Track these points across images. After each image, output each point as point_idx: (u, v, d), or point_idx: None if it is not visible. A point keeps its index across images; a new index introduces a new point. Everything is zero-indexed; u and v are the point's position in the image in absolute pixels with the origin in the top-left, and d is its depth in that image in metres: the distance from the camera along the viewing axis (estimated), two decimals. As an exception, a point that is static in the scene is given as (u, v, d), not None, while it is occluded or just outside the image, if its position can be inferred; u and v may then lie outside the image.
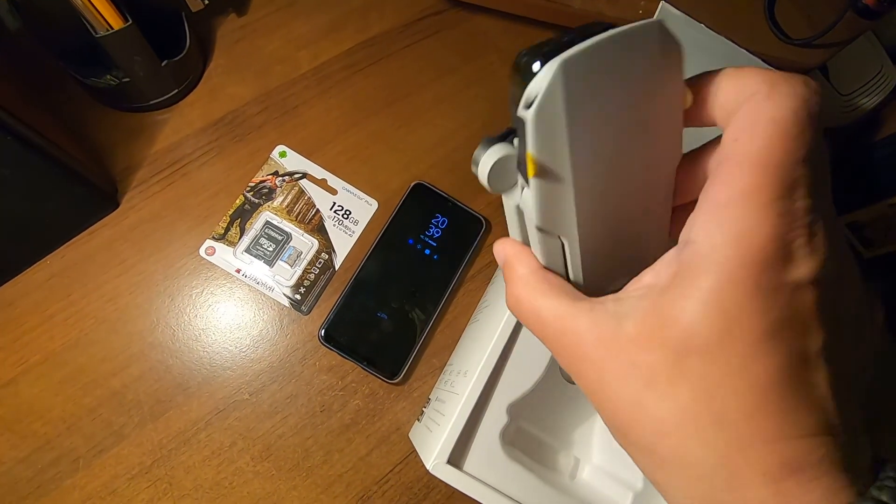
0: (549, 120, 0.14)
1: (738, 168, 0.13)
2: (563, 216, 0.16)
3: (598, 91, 0.14)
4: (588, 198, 0.15)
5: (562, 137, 0.14)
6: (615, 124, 0.14)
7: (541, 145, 0.14)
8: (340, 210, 0.44)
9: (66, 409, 0.37)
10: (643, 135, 0.15)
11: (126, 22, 0.35)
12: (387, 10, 0.50)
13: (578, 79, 0.13)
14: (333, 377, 0.41)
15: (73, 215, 0.39)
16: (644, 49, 0.14)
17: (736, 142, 0.14)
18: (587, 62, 0.13)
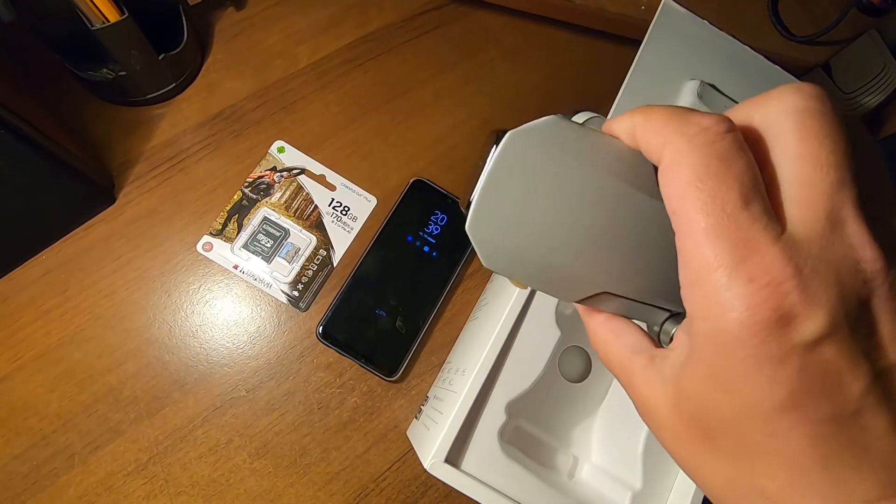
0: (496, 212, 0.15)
1: (689, 240, 0.12)
2: (581, 285, 0.16)
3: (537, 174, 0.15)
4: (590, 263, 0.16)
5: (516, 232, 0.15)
6: (569, 194, 0.15)
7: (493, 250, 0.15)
8: (339, 206, 0.44)
9: (61, 405, 0.37)
10: (604, 193, 0.15)
11: (122, 14, 0.35)
12: (386, 5, 0.49)
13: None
14: (331, 374, 0.41)
15: (70, 210, 0.39)
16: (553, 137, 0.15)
17: (673, 214, 0.13)
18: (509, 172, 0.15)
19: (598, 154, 0.15)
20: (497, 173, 0.15)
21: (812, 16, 0.44)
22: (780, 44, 0.43)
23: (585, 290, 0.16)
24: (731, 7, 0.42)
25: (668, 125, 0.13)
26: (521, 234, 0.15)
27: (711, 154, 0.12)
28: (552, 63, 0.51)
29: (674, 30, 0.38)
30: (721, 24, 0.39)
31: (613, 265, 0.16)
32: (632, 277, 0.16)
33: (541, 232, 0.15)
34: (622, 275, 0.16)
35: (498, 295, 0.36)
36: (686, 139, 0.13)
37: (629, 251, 0.16)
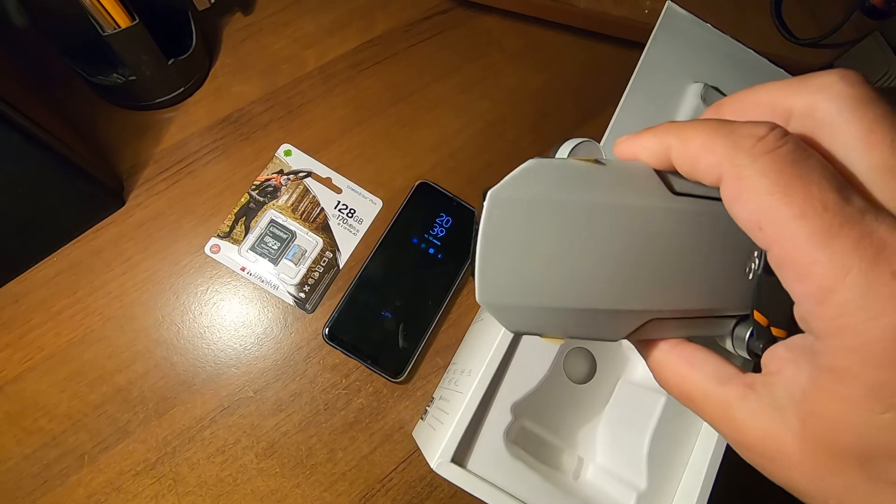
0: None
1: (796, 252, 0.11)
2: (623, 319, 0.15)
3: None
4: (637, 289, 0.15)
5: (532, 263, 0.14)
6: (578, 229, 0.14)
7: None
8: (345, 209, 0.44)
9: (71, 405, 0.37)
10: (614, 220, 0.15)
11: (133, 20, 0.35)
12: (392, 10, 0.50)
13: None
14: (337, 375, 0.41)
15: (80, 213, 0.40)
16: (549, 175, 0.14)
17: (761, 230, 0.12)
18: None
19: (591, 181, 0.14)
20: (490, 234, 0.14)
21: (815, 19, 0.44)
22: (783, 46, 0.43)
23: (631, 323, 0.15)
24: (734, 10, 0.43)
25: (715, 142, 0.13)
26: (539, 287, 0.14)
27: (781, 160, 0.12)
28: (555, 66, 0.51)
29: (677, 33, 0.39)
30: (724, 27, 0.39)
31: (652, 285, 0.15)
32: (677, 291, 0.15)
33: (560, 279, 0.14)
34: (665, 292, 0.15)
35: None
36: (746, 152, 0.12)
37: (664, 265, 0.15)
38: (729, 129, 0.13)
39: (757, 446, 0.13)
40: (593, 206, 0.14)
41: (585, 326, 0.14)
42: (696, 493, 0.30)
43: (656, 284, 0.14)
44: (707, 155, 0.13)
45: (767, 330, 0.14)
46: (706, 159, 0.13)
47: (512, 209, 0.14)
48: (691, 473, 0.31)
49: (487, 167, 0.47)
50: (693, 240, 0.14)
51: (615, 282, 0.14)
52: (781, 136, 0.12)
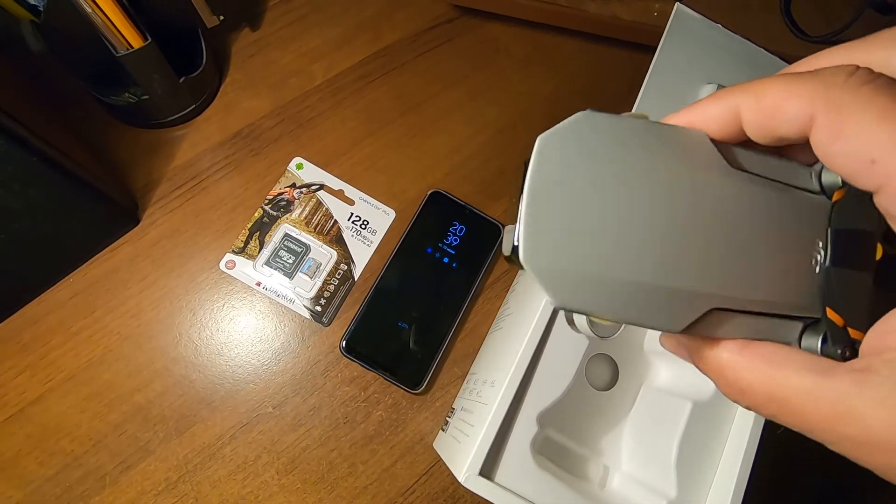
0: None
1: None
2: (684, 303, 0.13)
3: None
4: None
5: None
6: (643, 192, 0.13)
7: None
8: (358, 220, 0.44)
9: (92, 425, 0.37)
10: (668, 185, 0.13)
11: (146, 41, 0.36)
12: (398, 21, 0.50)
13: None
14: (356, 388, 0.41)
15: (95, 233, 0.40)
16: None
17: (874, 164, 0.11)
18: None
19: (648, 141, 0.13)
20: (538, 187, 0.12)
21: (825, 16, 0.44)
22: (794, 45, 0.43)
23: (691, 309, 0.13)
24: (743, 10, 0.42)
25: (801, 86, 0.12)
26: (592, 252, 0.12)
27: (884, 88, 0.11)
28: (563, 72, 0.51)
29: (688, 34, 0.39)
30: (734, 27, 0.39)
31: (714, 266, 0.13)
32: (740, 278, 0.13)
33: (615, 244, 0.12)
34: (728, 276, 0.13)
35: (523, 305, 0.36)
36: (841, 87, 0.11)
37: (725, 244, 0.13)
38: (812, 74, 0.12)
39: (892, 442, 0.11)
40: (651, 167, 0.13)
41: (641, 306, 0.13)
42: (728, 499, 0.30)
43: (718, 266, 0.13)
44: (792, 100, 0.12)
45: (844, 331, 0.13)
46: (790, 106, 0.12)
47: (564, 159, 0.12)
48: (722, 479, 0.31)
49: (499, 174, 0.47)
50: (755, 222, 0.13)
51: (675, 255, 0.12)
52: (872, 72, 0.11)
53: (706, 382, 0.33)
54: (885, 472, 0.12)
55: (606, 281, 0.12)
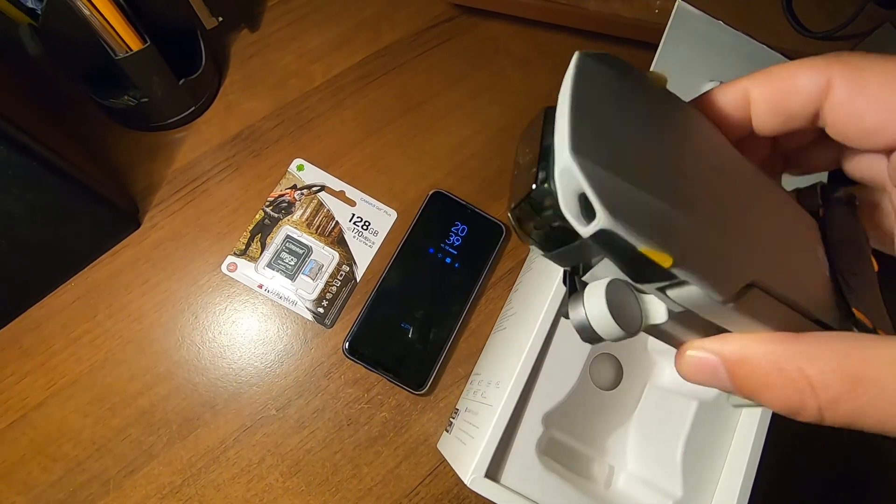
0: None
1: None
2: (732, 263, 0.12)
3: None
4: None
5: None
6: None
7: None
8: (360, 221, 0.44)
9: (95, 430, 0.37)
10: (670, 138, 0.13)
11: (145, 43, 0.35)
12: (397, 20, 0.50)
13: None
14: (359, 390, 0.41)
15: (96, 236, 0.40)
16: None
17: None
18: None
19: (675, 107, 0.13)
20: (579, 89, 0.11)
21: (827, 11, 0.44)
22: (796, 41, 0.43)
23: (739, 276, 0.12)
24: (744, 6, 0.42)
25: (814, 60, 0.13)
26: (643, 172, 0.11)
27: (887, 57, 0.12)
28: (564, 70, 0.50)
29: (689, 32, 0.38)
30: (736, 23, 0.39)
31: (755, 238, 0.12)
32: (777, 262, 0.12)
33: (665, 174, 0.11)
34: (768, 256, 0.12)
35: (527, 306, 0.35)
36: (851, 54, 0.12)
37: (760, 224, 0.12)
38: (816, 56, 0.13)
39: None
40: (687, 127, 0.13)
41: (694, 250, 0.11)
42: (734, 498, 0.29)
43: (756, 239, 0.12)
44: (804, 70, 0.13)
45: (874, 332, 0.13)
46: (803, 75, 0.13)
47: (603, 75, 0.12)
48: (728, 478, 0.31)
49: (500, 173, 0.47)
50: (776, 211, 0.13)
51: (720, 211, 0.12)
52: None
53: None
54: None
55: (659, 209, 0.11)
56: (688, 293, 0.12)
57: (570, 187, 0.11)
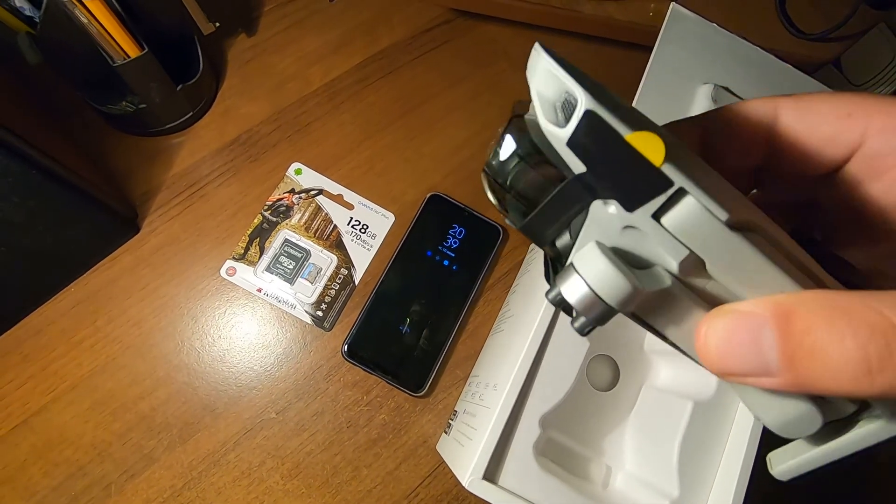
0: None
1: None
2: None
3: None
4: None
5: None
6: None
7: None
8: (358, 224, 0.44)
9: (96, 434, 0.37)
10: None
11: (142, 50, 0.36)
12: (395, 23, 0.50)
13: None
14: (358, 392, 0.41)
15: (95, 242, 0.40)
16: None
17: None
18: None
19: None
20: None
21: (821, 12, 0.44)
22: (790, 42, 0.43)
23: (736, 206, 0.12)
24: (739, 9, 0.42)
25: (854, 106, 0.13)
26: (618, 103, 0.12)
27: None
28: (561, 71, 0.51)
29: (684, 34, 0.39)
30: (730, 26, 0.39)
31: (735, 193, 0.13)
32: (765, 219, 0.13)
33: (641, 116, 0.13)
34: (752, 209, 0.13)
35: (524, 307, 0.36)
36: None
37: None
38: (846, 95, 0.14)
39: None
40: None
41: (682, 153, 0.12)
42: (729, 497, 0.30)
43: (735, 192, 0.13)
44: (845, 120, 0.13)
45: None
46: (847, 122, 0.13)
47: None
48: (724, 477, 0.31)
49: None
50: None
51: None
52: None
53: (706, 382, 0.33)
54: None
55: (638, 114, 0.12)
56: (686, 212, 0.11)
57: (548, 96, 0.12)
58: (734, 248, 0.11)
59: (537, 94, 0.12)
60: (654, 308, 0.13)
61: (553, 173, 0.13)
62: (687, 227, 0.11)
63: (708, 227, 0.11)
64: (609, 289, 0.11)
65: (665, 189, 0.11)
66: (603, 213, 0.12)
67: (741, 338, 0.11)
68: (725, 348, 0.11)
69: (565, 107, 0.12)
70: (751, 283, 0.12)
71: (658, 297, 0.12)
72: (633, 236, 0.12)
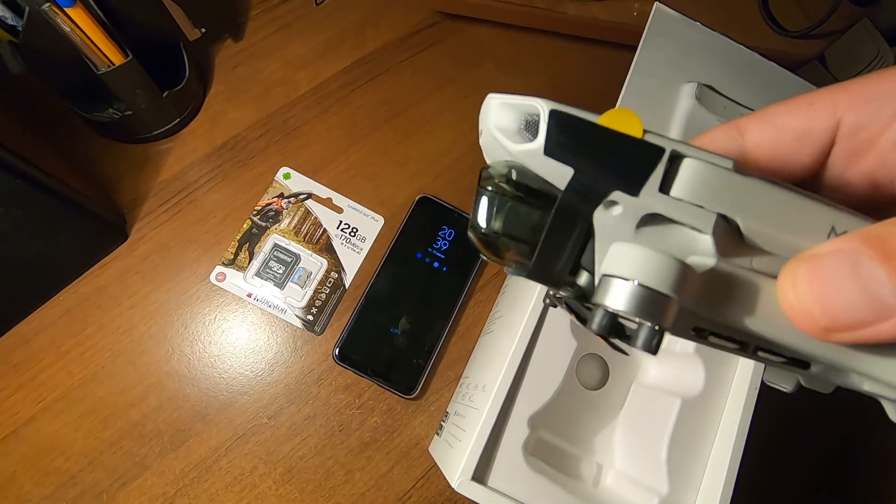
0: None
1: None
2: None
3: None
4: None
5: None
6: None
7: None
8: (347, 228, 0.44)
9: (87, 443, 0.37)
10: None
11: (126, 57, 0.36)
12: (382, 26, 0.50)
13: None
14: (350, 396, 0.41)
15: (84, 250, 0.40)
16: None
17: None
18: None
19: None
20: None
21: (803, 9, 0.44)
22: (774, 40, 0.43)
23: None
24: (722, 7, 0.43)
25: (814, 95, 0.13)
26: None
27: None
28: (549, 72, 0.51)
29: (667, 34, 0.39)
30: (713, 24, 0.39)
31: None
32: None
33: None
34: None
35: (512, 308, 0.36)
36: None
37: None
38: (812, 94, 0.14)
39: None
40: None
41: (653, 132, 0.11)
42: (717, 494, 0.30)
43: None
44: (820, 102, 0.13)
45: None
46: (821, 104, 0.13)
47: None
48: (712, 473, 0.31)
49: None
50: None
51: None
52: None
53: (694, 379, 0.33)
54: None
55: (588, 120, 0.12)
56: (692, 172, 0.11)
57: (510, 127, 0.12)
58: (759, 192, 0.11)
59: (499, 131, 0.12)
60: (717, 301, 0.11)
61: (541, 203, 0.12)
62: (700, 187, 0.11)
63: (721, 180, 0.11)
64: (655, 272, 0.10)
65: (659, 157, 0.11)
66: (610, 222, 0.11)
67: (839, 278, 0.09)
68: (824, 295, 0.09)
69: (528, 127, 0.12)
70: (799, 228, 0.11)
71: (713, 285, 0.11)
72: (651, 233, 0.11)
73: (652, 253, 0.10)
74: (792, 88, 0.39)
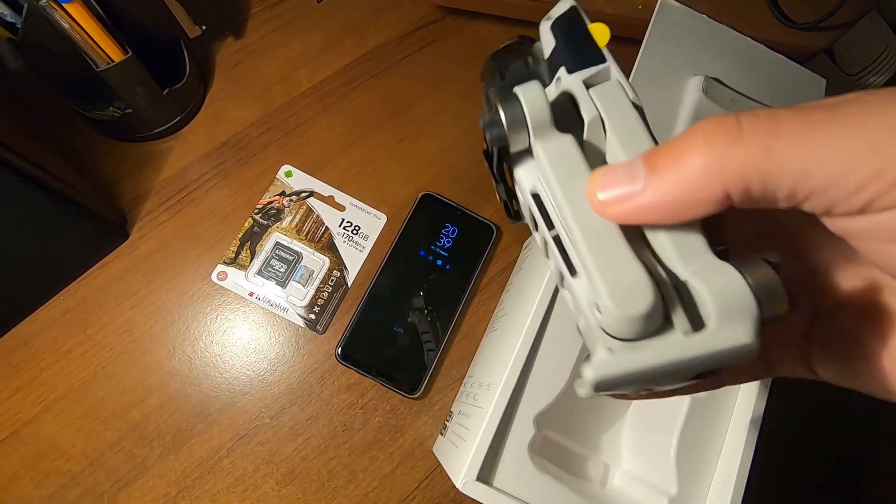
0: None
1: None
2: None
3: None
4: None
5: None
6: None
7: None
8: (349, 226, 0.44)
9: (88, 444, 0.37)
10: None
11: (126, 54, 0.35)
12: (382, 23, 0.50)
13: None
14: (353, 395, 0.40)
15: (84, 249, 0.39)
16: None
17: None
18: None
19: None
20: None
21: (811, 2, 0.43)
22: (781, 32, 0.43)
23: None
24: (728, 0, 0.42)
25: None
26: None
27: None
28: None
29: (673, 26, 0.38)
30: (719, 16, 0.39)
31: None
32: None
33: None
34: None
35: (517, 306, 0.35)
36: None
37: None
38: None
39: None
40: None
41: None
42: (729, 494, 0.29)
43: None
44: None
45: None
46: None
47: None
48: (723, 473, 0.30)
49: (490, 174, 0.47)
50: None
51: None
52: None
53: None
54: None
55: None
56: (608, 84, 0.16)
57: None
58: (631, 118, 0.15)
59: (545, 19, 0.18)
60: (560, 168, 0.16)
61: (533, 73, 0.18)
62: (604, 94, 0.16)
63: (618, 100, 0.15)
64: (532, 93, 0.16)
65: (599, 62, 0.16)
66: (550, 82, 0.17)
67: (619, 169, 0.14)
68: (605, 178, 0.14)
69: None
70: (632, 146, 0.15)
71: (562, 159, 0.16)
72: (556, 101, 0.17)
73: (540, 88, 0.16)
74: (799, 81, 0.39)
